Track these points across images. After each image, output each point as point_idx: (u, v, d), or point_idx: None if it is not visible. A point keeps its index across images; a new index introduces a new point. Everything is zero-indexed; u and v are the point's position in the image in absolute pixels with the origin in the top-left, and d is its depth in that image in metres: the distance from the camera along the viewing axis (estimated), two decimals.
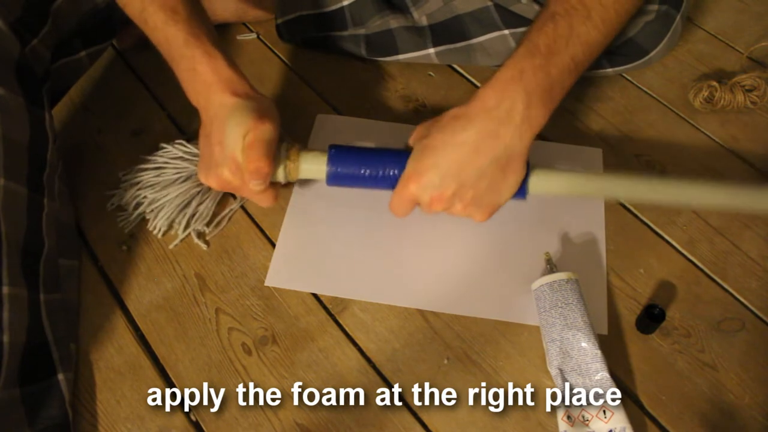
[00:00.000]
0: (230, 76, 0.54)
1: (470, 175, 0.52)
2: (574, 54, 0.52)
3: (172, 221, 0.63)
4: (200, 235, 0.63)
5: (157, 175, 0.65)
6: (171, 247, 0.63)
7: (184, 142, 0.66)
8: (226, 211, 0.65)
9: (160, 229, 0.63)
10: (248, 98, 0.54)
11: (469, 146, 0.51)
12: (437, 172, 0.52)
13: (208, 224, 0.64)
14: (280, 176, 0.57)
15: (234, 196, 0.66)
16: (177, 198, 0.63)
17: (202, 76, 0.54)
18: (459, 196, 0.53)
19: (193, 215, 0.63)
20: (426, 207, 0.55)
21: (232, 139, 0.52)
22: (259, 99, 0.55)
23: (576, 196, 0.64)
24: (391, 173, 0.56)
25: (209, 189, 0.64)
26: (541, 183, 0.57)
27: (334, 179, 0.58)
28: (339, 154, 0.57)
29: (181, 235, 0.63)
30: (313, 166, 0.58)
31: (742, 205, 0.61)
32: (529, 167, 0.56)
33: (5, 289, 0.48)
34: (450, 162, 0.52)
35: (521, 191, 0.56)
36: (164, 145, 0.66)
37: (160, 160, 0.66)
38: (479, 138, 0.51)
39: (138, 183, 0.65)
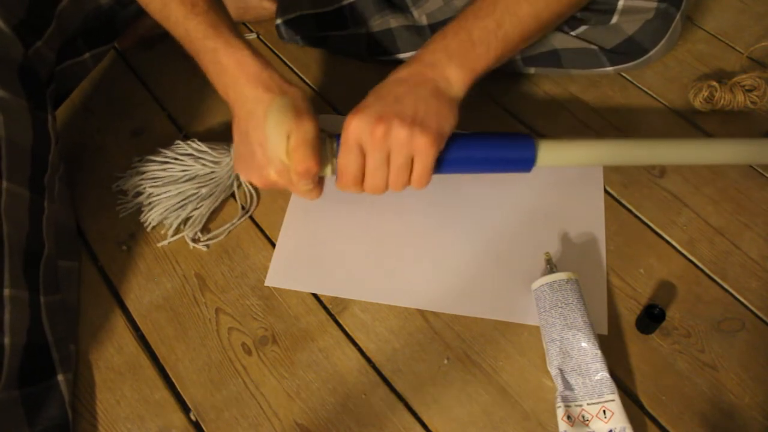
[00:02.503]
0: (257, 68, 0.54)
1: (408, 99, 0.53)
2: (500, 20, 0.55)
3: (164, 219, 0.63)
4: (195, 240, 0.63)
5: (164, 170, 0.65)
6: (159, 245, 0.63)
7: (196, 141, 0.66)
8: (234, 220, 0.64)
9: (150, 224, 0.63)
10: (282, 93, 0.53)
11: (402, 81, 0.54)
12: (377, 102, 0.53)
13: (203, 230, 0.63)
14: (329, 171, 0.57)
15: (242, 206, 0.66)
16: (174, 197, 0.63)
17: (227, 69, 0.54)
18: (400, 117, 0.52)
19: (186, 219, 0.63)
20: (370, 141, 0.53)
21: (275, 142, 0.52)
22: (292, 93, 0.54)
23: (583, 165, 0.65)
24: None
25: (208, 196, 0.64)
26: (549, 154, 0.60)
27: None
28: None
29: (170, 238, 0.63)
30: None
31: (742, 158, 0.65)
32: (535, 141, 0.59)
33: (6, 291, 0.48)
34: (387, 93, 0.54)
35: (528, 162, 0.59)
36: (178, 142, 0.67)
37: (170, 155, 0.66)
38: (410, 75, 0.54)
39: (144, 173, 0.65)
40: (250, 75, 0.53)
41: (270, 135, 0.52)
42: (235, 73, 0.54)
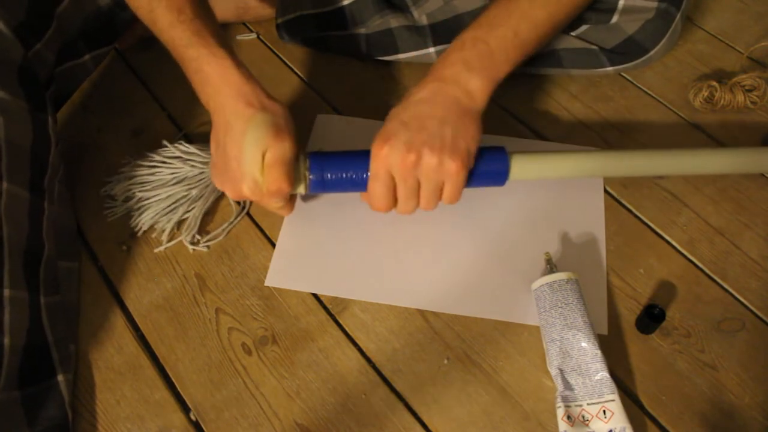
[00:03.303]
0: (239, 80, 0.53)
1: (433, 123, 0.53)
2: (517, 27, 0.55)
3: (155, 223, 0.63)
4: (194, 242, 0.63)
5: (152, 173, 0.65)
6: (156, 251, 0.62)
7: (183, 143, 0.66)
8: (232, 219, 0.64)
9: (141, 228, 0.63)
10: (263, 109, 0.53)
11: (424, 102, 0.54)
12: (404, 129, 0.53)
13: (200, 231, 0.63)
14: (301, 189, 0.58)
15: (238, 202, 0.66)
16: (164, 201, 0.63)
17: (209, 78, 0.54)
18: (428, 145, 0.53)
19: (179, 222, 0.63)
20: (401, 171, 0.53)
21: (249, 158, 0.52)
22: (273, 109, 0.54)
23: (560, 178, 0.65)
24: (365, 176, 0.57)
25: (199, 197, 0.64)
26: (521, 168, 0.59)
27: (315, 187, 0.58)
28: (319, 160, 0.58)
29: (165, 243, 0.62)
30: None
31: (710, 168, 0.64)
32: (507, 154, 0.58)
33: (6, 292, 0.48)
34: (412, 118, 0.54)
35: (501, 177, 0.58)
36: (166, 144, 0.66)
37: (158, 158, 0.66)
38: (432, 94, 0.54)
39: (132, 177, 0.65)
40: (232, 87, 0.53)
41: (246, 151, 0.52)
42: (217, 83, 0.53)
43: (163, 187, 0.64)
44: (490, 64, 0.55)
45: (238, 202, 0.65)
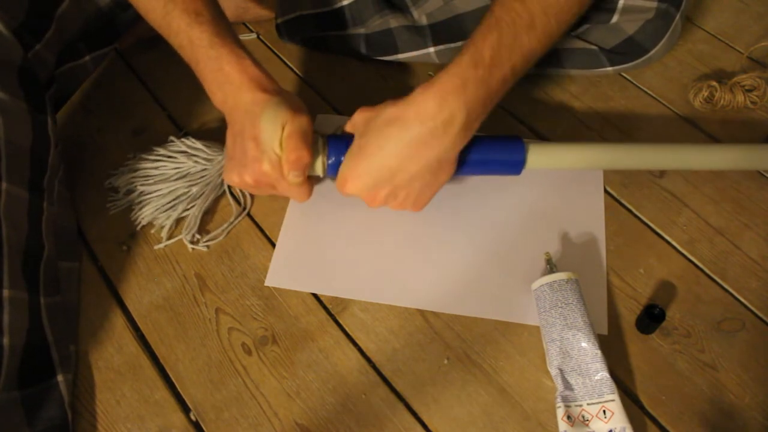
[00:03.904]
0: (258, 74, 0.55)
1: (402, 179, 0.54)
2: (514, 65, 0.52)
3: (154, 219, 0.63)
4: (194, 242, 0.63)
5: (155, 167, 0.65)
6: (156, 248, 0.63)
7: (190, 138, 0.66)
8: (232, 219, 0.64)
9: (140, 223, 0.63)
10: (279, 94, 0.55)
11: (401, 155, 0.52)
12: (370, 178, 0.54)
13: (200, 231, 0.63)
14: (318, 169, 0.58)
15: (238, 202, 0.66)
16: (165, 197, 0.63)
17: (229, 77, 0.54)
18: (393, 196, 0.56)
19: (177, 219, 0.63)
20: (367, 202, 0.57)
21: (269, 132, 0.53)
22: (289, 95, 0.56)
23: (574, 169, 0.65)
24: None
25: (199, 195, 0.64)
26: (538, 158, 0.60)
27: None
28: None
29: (165, 241, 0.62)
30: None
31: (727, 164, 0.64)
32: (524, 144, 0.59)
33: (6, 292, 0.48)
34: (382, 169, 0.53)
35: (516, 166, 0.60)
36: (173, 139, 0.67)
37: (162, 152, 0.66)
38: (412, 148, 0.52)
39: (136, 170, 0.65)
40: (253, 81, 0.54)
41: (264, 126, 0.53)
42: (237, 80, 0.54)
43: (165, 182, 0.64)
44: (486, 107, 0.53)
45: (239, 202, 0.65)
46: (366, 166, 0.54)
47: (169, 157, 0.66)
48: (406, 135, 0.52)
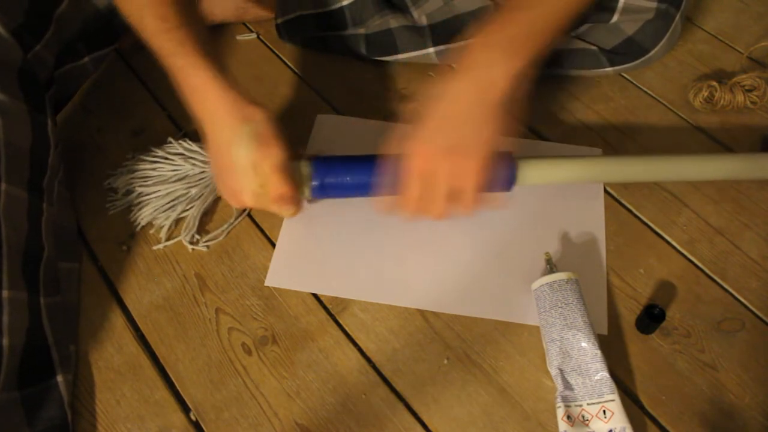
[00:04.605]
0: (222, 90, 0.53)
1: (453, 123, 0.52)
2: (545, 8, 0.53)
3: (153, 219, 0.63)
4: (194, 242, 0.63)
5: (153, 168, 0.65)
6: (155, 248, 0.63)
7: (188, 140, 0.66)
8: (232, 220, 0.64)
9: (139, 224, 0.63)
10: (244, 120, 0.53)
11: (444, 99, 0.53)
12: (422, 129, 0.53)
13: (200, 231, 0.63)
14: (305, 193, 0.59)
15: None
16: (164, 198, 0.63)
17: (194, 89, 0.54)
18: (447, 145, 0.52)
19: (177, 220, 0.63)
20: (419, 169, 0.53)
21: (242, 174, 0.53)
22: (254, 117, 0.53)
23: (567, 183, 0.64)
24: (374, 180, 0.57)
25: (198, 197, 0.64)
26: (529, 173, 0.59)
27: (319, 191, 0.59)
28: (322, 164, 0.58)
29: (164, 241, 0.62)
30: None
31: (713, 175, 0.63)
32: (514, 161, 0.58)
33: (5, 293, 0.48)
34: (431, 116, 0.53)
35: (509, 183, 0.58)
36: (171, 140, 0.67)
37: (161, 153, 0.66)
38: (454, 92, 0.53)
39: (134, 171, 0.65)
40: (215, 98, 0.53)
41: (237, 168, 0.53)
42: (201, 93, 0.54)
43: (163, 183, 0.64)
44: (522, 46, 0.53)
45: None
46: (415, 123, 0.53)
47: (167, 159, 0.66)
48: (447, 87, 0.53)
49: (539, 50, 0.54)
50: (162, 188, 0.64)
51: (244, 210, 0.65)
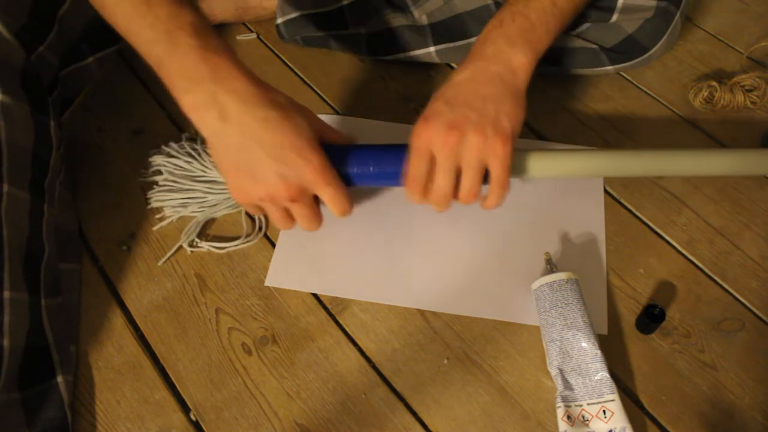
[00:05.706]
0: (246, 69, 0.50)
1: (476, 101, 0.52)
2: None
3: (164, 207, 0.64)
4: (193, 245, 0.63)
5: (188, 162, 0.65)
6: (159, 264, 0.62)
7: None
8: (244, 237, 0.63)
9: (150, 205, 0.64)
10: (274, 103, 0.50)
11: (467, 81, 0.53)
12: (446, 108, 0.52)
13: (201, 235, 0.63)
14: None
15: (252, 218, 0.64)
16: (182, 192, 0.64)
17: (214, 65, 0.49)
18: (472, 123, 0.51)
19: (181, 218, 0.64)
20: (442, 149, 0.51)
21: (275, 153, 0.49)
22: (282, 101, 0.52)
23: (576, 177, 0.63)
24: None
25: (213, 204, 0.64)
26: (539, 165, 0.58)
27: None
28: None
29: (167, 255, 0.62)
30: None
31: (731, 170, 0.62)
32: (524, 152, 0.57)
33: (6, 294, 0.48)
34: (453, 96, 0.53)
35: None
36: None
37: (198, 149, 0.66)
38: (474, 73, 0.53)
39: (174, 156, 0.66)
40: (243, 75, 0.50)
41: (267, 150, 0.49)
42: (226, 71, 0.49)
43: (188, 179, 0.65)
44: (532, 37, 0.54)
45: (252, 219, 0.64)
46: (437, 104, 0.53)
47: (201, 157, 0.66)
48: (464, 72, 0.54)
49: (550, 41, 0.55)
50: (185, 183, 0.64)
51: (261, 229, 0.64)
